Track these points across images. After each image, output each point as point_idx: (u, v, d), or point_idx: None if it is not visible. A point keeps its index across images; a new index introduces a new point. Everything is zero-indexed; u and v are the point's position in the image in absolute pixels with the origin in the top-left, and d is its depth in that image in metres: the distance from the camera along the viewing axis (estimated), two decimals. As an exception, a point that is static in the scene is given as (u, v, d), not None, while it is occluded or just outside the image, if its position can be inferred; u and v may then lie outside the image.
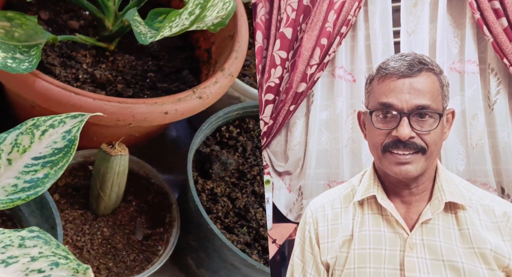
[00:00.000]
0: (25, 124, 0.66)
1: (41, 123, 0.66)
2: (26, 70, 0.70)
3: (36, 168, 0.65)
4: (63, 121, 0.66)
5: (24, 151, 0.66)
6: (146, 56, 0.91)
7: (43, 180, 0.64)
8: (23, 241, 0.59)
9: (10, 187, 0.64)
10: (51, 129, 0.66)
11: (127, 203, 0.85)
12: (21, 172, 0.65)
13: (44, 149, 0.66)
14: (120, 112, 0.76)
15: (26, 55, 0.73)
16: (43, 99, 0.75)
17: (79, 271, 0.55)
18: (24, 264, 0.57)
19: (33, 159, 0.65)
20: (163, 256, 0.79)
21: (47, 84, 0.73)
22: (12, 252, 0.58)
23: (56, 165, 0.65)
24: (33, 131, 0.66)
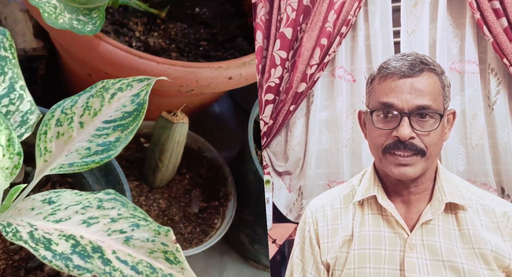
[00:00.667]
0: (95, 86, 0.66)
1: (110, 86, 0.66)
2: (91, 32, 0.69)
3: (108, 132, 0.65)
4: (130, 85, 0.66)
5: (95, 114, 0.66)
6: (198, 24, 0.88)
7: (115, 144, 0.64)
8: (101, 203, 0.60)
9: (83, 150, 0.64)
10: (119, 93, 0.66)
11: (181, 176, 0.84)
12: (93, 135, 0.65)
13: (114, 112, 0.65)
14: (184, 77, 0.73)
15: (89, 17, 0.71)
16: (106, 63, 0.73)
17: (160, 232, 0.56)
18: (105, 225, 0.58)
19: (104, 123, 0.65)
20: (221, 229, 0.78)
21: (111, 47, 0.72)
22: (92, 213, 0.59)
23: (126, 129, 0.65)
24: (103, 94, 0.66)
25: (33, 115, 0.67)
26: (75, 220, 0.58)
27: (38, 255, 0.53)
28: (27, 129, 0.67)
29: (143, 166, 0.79)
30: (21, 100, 0.67)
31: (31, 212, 0.60)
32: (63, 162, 0.65)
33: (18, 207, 0.62)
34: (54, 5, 0.68)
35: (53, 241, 0.55)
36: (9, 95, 0.66)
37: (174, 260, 0.54)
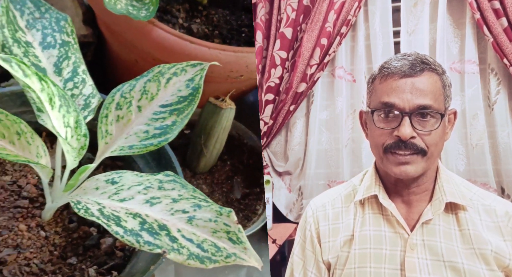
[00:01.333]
0: (152, 71, 0.68)
1: (166, 70, 0.68)
2: (145, 17, 0.71)
3: (164, 116, 0.67)
4: (185, 70, 0.68)
5: (152, 98, 0.68)
6: (239, 10, 0.88)
7: (171, 127, 0.67)
8: (161, 184, 0.62)
9: (142, 133, 0.67)
10: (174, 77, 0.68)
11: (223, 163, 0.85)
12: (150, 119, 0.67)
13: (170, 97, 0.67)
14: (234, 61, 0.74)
15: (141, 3, 0.73)
16: (159, 48, 0.74)
17: (222, 213, 0.58)
18: (168, 205, 0.60)
19: (161, 107, 0.67)
20: (263, 215, 0.79)
21: (163, 32, 0.74)
22: (154, 194, 0.61)
23: (182, 113, 0.67)
24: (159, 78, 0.68)
25: (94, 99, 0.69)
26: (139, 200, 0.60)
27: (111, 230, 0.56)
28: (90, 112, 0.69)
29: (185, 152, 0.79)
30: (84, 84, 0.69)
31: (96, 192, 0.62)
32: (123, 145, 0.67)
33: (83, 187, 0.65)
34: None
35: (121, 218, 0.57)
36: (73, 79, 0.69)
37: (237, 240, 0.56)
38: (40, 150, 0.64)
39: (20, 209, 0.69)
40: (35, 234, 0.68)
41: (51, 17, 0.69)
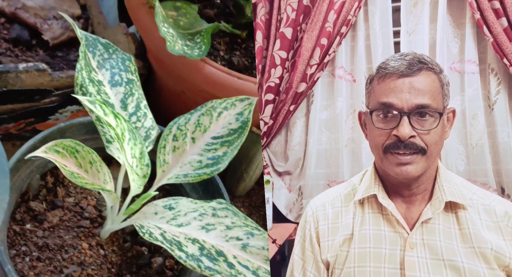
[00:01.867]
0: (205, 106, 0.75)
1: (218, 105, 0.74)
2: (198, 56, 0.77)
3: (216, 147, 0.73)
4: (234, 104, 0.74)
5: (205, 130, 0.74)
6: None
7: (222, 158, 0.73)
8: (215, 211, 0.68)
9: (195, 163, 0.73)
10: (225, 111, 0.74)
11: (259, 186, 0.88)
12: (203, 149, 0.73)
13: (221, 129, 0.73)
14: None
15: (193, 42, 0.80)
16: (210, 83, 0.81)
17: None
18: (222, 231, 0.65)
19: (213, 138, 0.74)
20: None
21: (214, 69, 0.80)
22: (208, 220, 0.67)
23: (232, 144, 0.73)
24: (212, 112, 0.74)
25: (154, 131, 0.76)
26: (195, 226, 0.66)
27: (175, 255, 0.60)
28: (150, 143, 0.75)
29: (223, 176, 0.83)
30: (145, 118, 0.76)
31: (155, 216, 0.68)
32: (178, 173, 0.73)
33: (142, 211, 0.70)
34: (172, 34, 0.76)
35: (182, 243, 0.62)
36: (136, 113, 0.75)
37: None
38: (106, 177, 0.69)
39: (82, 229, 0.74)
40: (95, 252, 0.73)
41: (117, 58, 0.76)
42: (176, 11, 0.82)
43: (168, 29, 0.76)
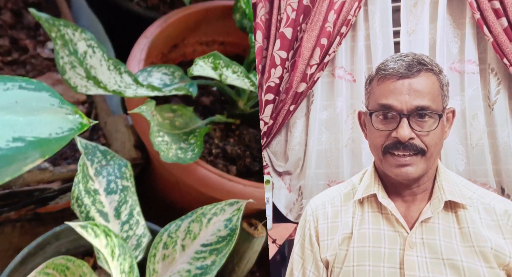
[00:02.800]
0: (195, 212, 0.74)
1: (207, 211, 0.74)
2: (191, 160, 0.79)
3: (205, 255, 0.72)
4: (223, 209, 0.74)
5: (195, 237, 0.73)
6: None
7: (211, 267, 0.72)
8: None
9: (184, 272, 0.72)
10: (214, 217, 0.74)
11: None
12: (192, 258, 0.72)
13: (210, 236, 0.73)
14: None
15: (187, 144, 0.82)
16: (202, 184, 0.84)
17: None
18: None
19: (202, 246, 0.73)
20: None
21: (206, 171, 0.83)
22: None
23: (220, 252, 0.72)
24: (201, 219, 0.74)
25: (145, 238, 0.75)
26: None
27: None
28: (140, 252, 0.75)
29: None
30: (137, 225, 0.75)
31: None
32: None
33: None
34: (166, 141, 0.78)
35: None
36: (129, 221, 0.75)
37: None
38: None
39: None
40: None
41: (114, 164, 0.76)
42: (173, 113, 0.84)
43: (162, 138, 0.77)
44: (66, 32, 0.62)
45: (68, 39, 0.63)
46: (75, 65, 0.65)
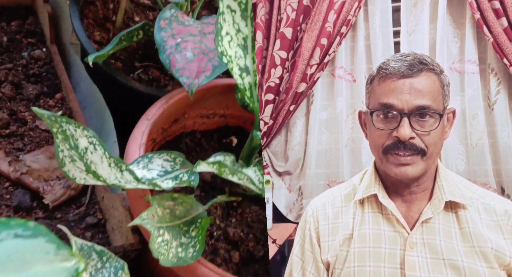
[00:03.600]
0: None
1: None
2: (193, 259, 0.75)
3: None
4: None
5: None
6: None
7: None
8: None
9: None
10: None
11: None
12: None
13: None
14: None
15: (188, 237, 0.78)
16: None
17: None
18: None
19: None
20: None
21: (207, 270, 0.80)
22: None
23: None
24: None
25: None
26: None
27: None
28: None
29: None
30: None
31: None
32: None
33: None
34: (166, 240, 0.75)
35: None
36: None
37: None
38: None
39: None
40: None
41: (110, 267, 0.73)
42: (173, 201, 0.81)
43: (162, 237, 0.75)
44: (67, 128, 0.61)
45: (70, 135, 0.61)
46: (75, 159, 0.63)
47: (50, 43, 1.05)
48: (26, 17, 1.12)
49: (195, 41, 0.85)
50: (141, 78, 1.04)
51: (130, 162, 0.79)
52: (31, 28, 1.10)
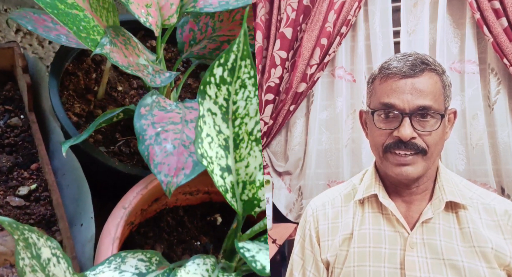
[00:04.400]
0: None
1: None
2: None
3: None
4: None
5: None
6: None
7: None
8: None
9: None
10: None
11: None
12: None
13: None
14: None
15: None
16: None
17: None
18: None
19: None
20: None
21: None
22: None
23: None
24: None
25: None
26: None
27: None
28: None
29: None
30: None
31: None
32: None
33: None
34: None
35: None
36: None
37: None
38: None
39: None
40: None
41: None
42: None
43: None
44: (30, 236, 0.58)
45: (32, 243, 0.59)
46: (37, 269, 0.60)
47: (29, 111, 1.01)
48: (5, 83, 1.06)
49: (176, 130, 0.81)
50: (122, 151, 1.00)
51: (101, 259, 0.72)
52: (10, 94, 1.02)
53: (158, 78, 0.83)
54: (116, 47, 0.81)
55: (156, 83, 0.83)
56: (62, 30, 0.90)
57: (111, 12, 0.86)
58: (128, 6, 0.82)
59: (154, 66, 0.87)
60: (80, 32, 0.79)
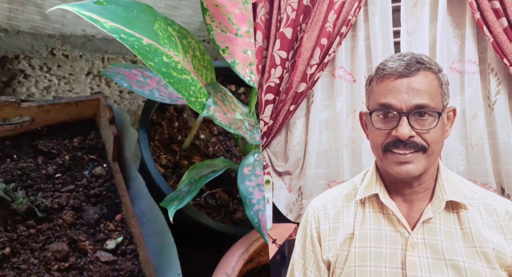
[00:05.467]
0: None
1: None
2: None
3: None
4: None
5: None
6: None
7: None
8: None
9: None
10: None
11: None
12: None
13: None
14: None
15: None
16: None
17: None
18: None
19: None
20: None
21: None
22: None
23: None
24: None
25: None
26: None
27: None
28: None
29: None
30: None
31: None
32: None
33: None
34: None
35: None
36: None
37: None
38: None
39: None
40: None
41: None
42: None
43: None
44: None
45: None
46: None
47: (112, 160, 1.00)
48: (88, 132, 1.04)
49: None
50: (208, 203, 0.97)
51: None
52: (93, 143, 1.01)
53: (256, 135, 0.82)
54: (217, 106, 0.81)
55: (256, 140, 0.81)
56: (152, 84, 0.90)
57: (209, 70, 0.86)
58: (234, 68, 0.82)
59: (249, 120, 0.86)
60: (191, 97, 0.79)
